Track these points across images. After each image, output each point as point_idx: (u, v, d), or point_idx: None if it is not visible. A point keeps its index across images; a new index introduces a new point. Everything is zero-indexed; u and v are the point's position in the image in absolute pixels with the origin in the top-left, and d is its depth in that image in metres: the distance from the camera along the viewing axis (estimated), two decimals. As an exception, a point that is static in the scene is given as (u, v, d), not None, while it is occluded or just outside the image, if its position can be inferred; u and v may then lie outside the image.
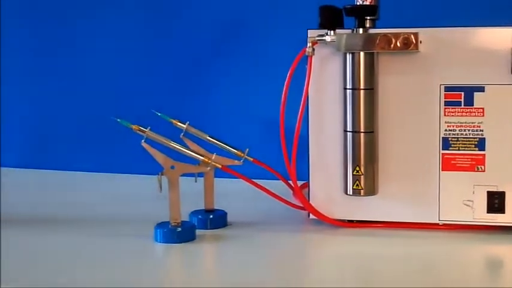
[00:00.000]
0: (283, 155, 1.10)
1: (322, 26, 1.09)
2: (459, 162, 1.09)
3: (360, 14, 1.08)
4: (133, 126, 1.05)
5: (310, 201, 1.14)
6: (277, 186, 1.18)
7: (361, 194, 1.10)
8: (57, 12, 1.56)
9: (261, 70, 1.45)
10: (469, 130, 1.09)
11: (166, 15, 1.50)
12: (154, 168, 1.06)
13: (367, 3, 1.09)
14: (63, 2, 1.54)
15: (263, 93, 1.43)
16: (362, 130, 1.09)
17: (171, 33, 1.50)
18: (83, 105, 1.57)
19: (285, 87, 1.09)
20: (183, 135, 1.14)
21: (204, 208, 1.16)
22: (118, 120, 1.05)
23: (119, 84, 1.54)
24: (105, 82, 1.55)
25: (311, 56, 1.10)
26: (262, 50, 1.44)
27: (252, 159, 1.16)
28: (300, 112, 1.10)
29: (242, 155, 1.15)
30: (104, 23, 1.53)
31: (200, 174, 1.12)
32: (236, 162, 1.13)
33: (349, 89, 1.09)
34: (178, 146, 1.08)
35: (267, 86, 1.37)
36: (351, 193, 1.11)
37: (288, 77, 1.09)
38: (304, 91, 1.10)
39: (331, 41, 1.09)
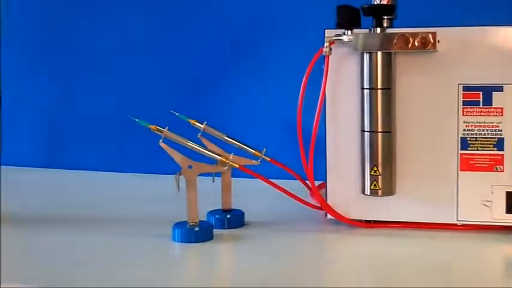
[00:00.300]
0: (301, 155, 1.10)
1: (339, 26, 1.09)
2: (478, 162, 1.08)
3: (377, 14, 1.07)
4: (152, 126, 1.05)
5: (328, 201, 1.14)
6: (295, 186, 1.17)
7: (379, 194, 1.09)
8: (74, 9, 1.57)
9: (278, 70, 1.44)
10: (487, 130, 1.08)
11: (183, 14, 1.50)
12: (172, 168, 1.06)
13: (385, 2, 1.08)
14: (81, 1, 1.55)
15: (280, 93, 1.43)
16: (379, 130, 1.08)
17: (189, 33, 1.50)
18: (100, 104, 1.57)
19: (302, 87, 1.09)
20: (201, 135, 1.14)
21: (221, 208, 1.16)
22: (136, 120, 1.05)
23: (135, 84, 1.54)
24: (121, 82, 1.55)
25: (328, 56, 1.09)
26: (280, 50, 1.44)
27: (269, 159, 1.16)
28: (317, 112, 1.10)
29: (259, 154, 1.15)
30: (121, 21, 1.54)
31: (218, 174, 1.12)
32: (253, 162, 1.12)
33: (366, 88, 1.09)
34: (195, 146, 1.07)
35: (285, 86, 1.36)
36: (368, 193, 1.10)
37: (305, 76, 1.09)
38: (321, 91, 1.10)
39: (348, 41, 1.08)
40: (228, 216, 1.14)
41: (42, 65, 1.59)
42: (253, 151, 1.16)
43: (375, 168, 1.09)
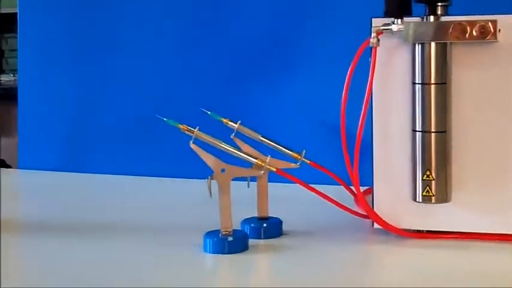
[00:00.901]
0: (345, 158, 1.06)
1: (388, 14, 1.05)
2: (545, 166, 1.04)
3: (430, 0, 1.03)
4: (181, 126, 1.03)
5: (374, 209, 1.10)
6: (338, 192, 1.15)
7: (432, 201, 1.06)
8: (101, 8, 1.56)
9: (317, 64, 1.42)
10: (556, 130, 1.04)
11: (213, 8, 1.49)
12: (203, 172, 1.04)
13: (439, -13, 1.04)
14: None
15: (321, 89, 1.40)
16: (433, 130, 1.04)
17: (225, 29, 1.49)
18: (126, 105, 1.55)
19: (346, 83, 1.05)
20: (234, 135, 1.11)
21: (257, 216, 1.13)
22: (165, 119, 1.03)
23: (163, 83, 1.53)
24: (147, 80, 1.54)
25: (375, 48, 1.05)
26: (320, 41, 1.41)
27: (309, 162, 1.12)
28: (363, 110, 1.06)
29: (299, 157, 1.11)
30: (149, 16, 1.53)
31: (253, 179, 1.09)
32: (292, 165, 1.09)
33: (418, 83, 1.05)
34: (229, 148, 1.05)
35: (325, 82, 1.35)
36: (420, 200, 1.06)
37: (349, 71, 1.05)
38: (367, 87, 1.06)
39: (398, 31, 1.05)
40: (265, 224, 1.11)
41: (63, 63, 1.59)
42: (291, 153, 1.12)
43: (428, 173, 1.05)
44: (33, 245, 1.10)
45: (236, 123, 1.13)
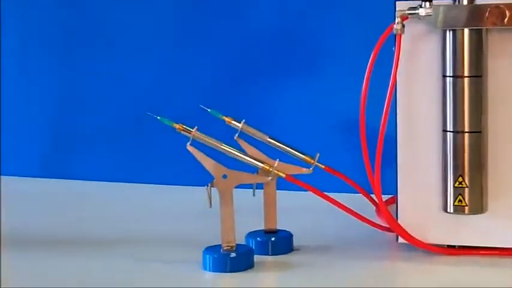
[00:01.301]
0: (364, 162, 1.02)
1: None
2: None
3: None
4: (177, 126, 0.99)
5: (399, 221, 1.06)
6: (357, 201, 1.11)
7: (465, 211, 1.01)
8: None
9: (330, 54, 1.37)
10: None
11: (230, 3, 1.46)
12: (202, 178, 1.00)
13: (474, -36, 1.01)
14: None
15: (337, 85, 1.35)
16: (466, 130, 1.00)
17: (219, 21, 1.45)
18: (114, 103, 1.50)
19: (366, 76, 1.01)
20: (238, 136, 1.07)
21: (264, 228, 1.10)
22: (158, 117, 0.99)
23: (157, 78, 1.48)
24: (141, 76, 1.49)
25: (400, 35, 1.00)
26: (332, 27, 1.36)
27: (324, 166, 1.08)
28: (385, 107, 1.01)
29: (312, 161, 1.07)
30: (144, 9, 1.48)
31: (259, 186, 1.06)
32: (304, 171, 1.05)
33: (449, 76, 1.00)
34: (232, 150, 1.01)
35: (342, 76, 1.31)
36: (451, 211, 1.02)
37: (370, 62, 1.00)
38: (390, 80, 1.01)
39: (426, 15, 0.99)
40: (273, 239, 1.08)
41: (43, 58, 1.55)
42: (303, 156, 1.08)
43: (460, 179, 1.01)
44: (14, 259, 1.07)
45: (240, 123, 1.08)
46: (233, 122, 1.08)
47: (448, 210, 1.02)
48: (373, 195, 1.07)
